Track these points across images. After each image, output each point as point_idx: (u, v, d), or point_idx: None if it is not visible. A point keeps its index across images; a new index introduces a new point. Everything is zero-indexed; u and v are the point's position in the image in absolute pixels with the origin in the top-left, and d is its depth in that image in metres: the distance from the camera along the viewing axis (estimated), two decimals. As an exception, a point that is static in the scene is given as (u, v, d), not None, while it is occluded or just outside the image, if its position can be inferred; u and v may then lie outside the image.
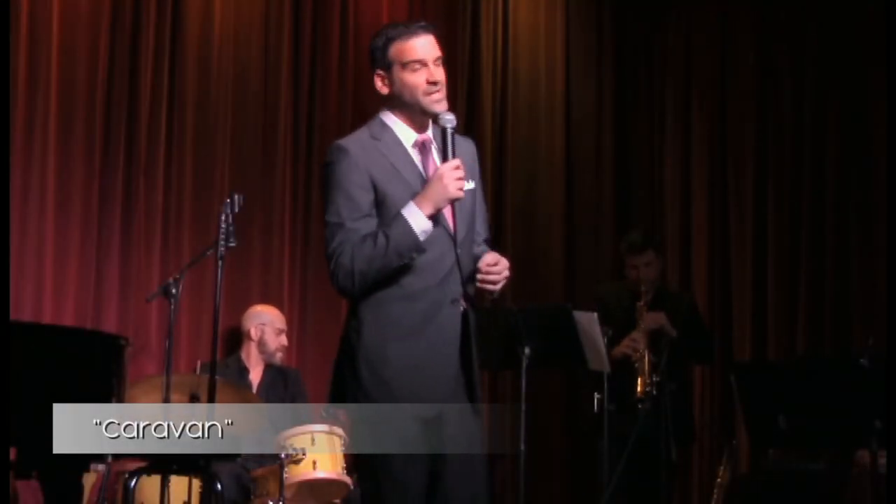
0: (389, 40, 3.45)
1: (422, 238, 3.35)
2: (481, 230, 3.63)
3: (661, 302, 5.82)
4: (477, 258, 3.52)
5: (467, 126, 7.06)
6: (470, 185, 3.49)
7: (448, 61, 3.62)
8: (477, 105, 7.14)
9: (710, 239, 7.13)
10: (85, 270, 5.84)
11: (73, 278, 5.81)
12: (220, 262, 4.61)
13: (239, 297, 6.11)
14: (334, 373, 3.52)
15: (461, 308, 3.45)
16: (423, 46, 3.44)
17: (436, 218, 3.40)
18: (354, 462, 4.76)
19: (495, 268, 3.45)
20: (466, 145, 3.61)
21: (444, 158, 3.44)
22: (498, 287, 3.49)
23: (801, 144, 6.91)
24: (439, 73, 3.44)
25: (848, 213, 6.72)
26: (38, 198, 5.75)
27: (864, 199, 6.68)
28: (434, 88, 3.42)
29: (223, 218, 4.62)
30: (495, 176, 7.13)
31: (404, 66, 3.43)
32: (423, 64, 3.43)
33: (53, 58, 5.82)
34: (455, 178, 3.37)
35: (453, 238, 3.46)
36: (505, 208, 7.11)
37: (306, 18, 6.60)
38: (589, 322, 5.31)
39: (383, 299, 3.41)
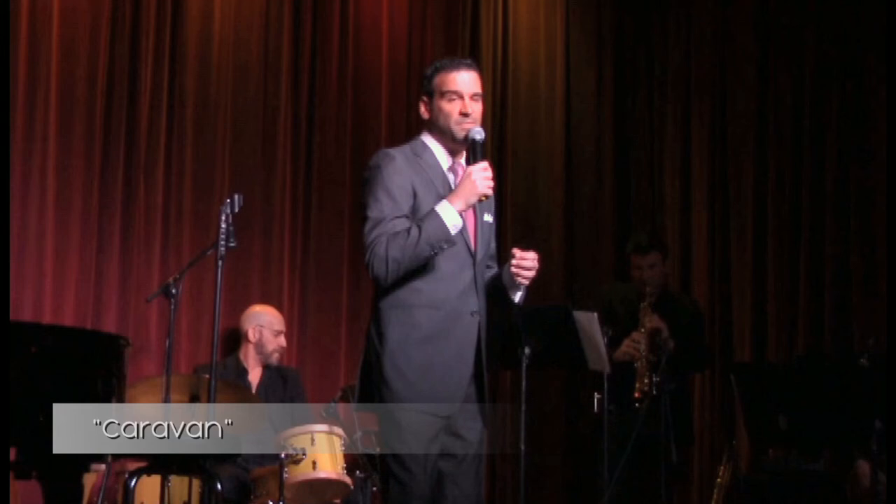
0: (436, 70, 3.79)
1: (452, 232, 3.63)
2: (492, 263, 3.93)
3: (665, 304, 5.81)
4: (490, 277, 3.85)
5: (467, 126, 7.06)
6: (489, 218, 3.84)
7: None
8: (477, 105, 7.13)
9: (710, 239, 7.13)
10: (85, 270, 5.84)
11: (73, 278, 5.81)
12: (220, 263, 4.61)
13: (239, 297, 6.11)
14: (360, 375, 3.78)
15: (478, 320, 3.73)
16: (463, 80, 3.76)
17: (461, 234, 3.69)
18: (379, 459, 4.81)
19: (529, 255, 3.73)
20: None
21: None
22: (530, 275, 3.75)
23: (801, 145, 6.90)
24: (473, 107, 3.75)
25: (848, 213, 6.71)
26: (38, 198, 5.75)
27: (863, 200, 6.67)
28: (465, 120, 3.73)
29: (223, 218, 4.62)
30: (495, 176, 7.09)
31: (443, 94, 3.76)
32: (460, 96, 3.75)
33: (53, 58, 5.82)
34: (484, 176, 3.67)
35: (473, 256, 3.75)
36: (505, 208, 7.11)
37: (306, 18, 6.60)
38: (589, 322, 5.31)
39: (408, 305, 3.68)
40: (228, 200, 4.65)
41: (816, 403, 4.57)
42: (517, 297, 3.82)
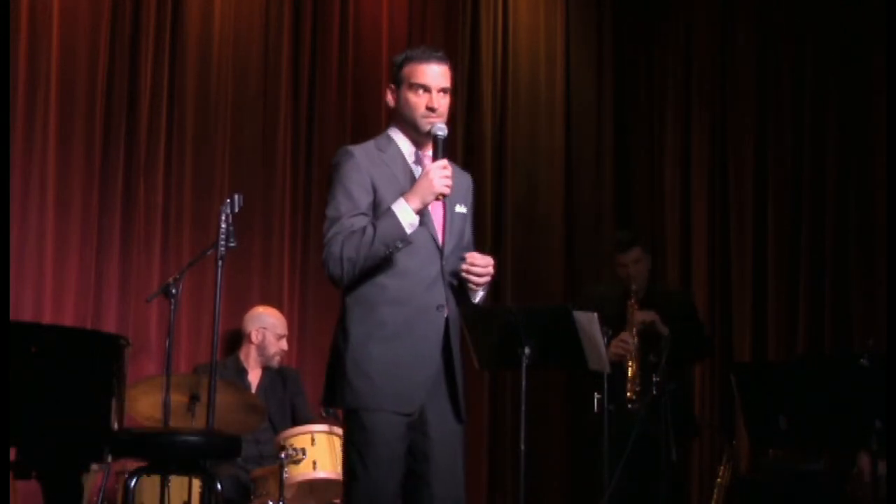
0: (407, 59, 3.73)
1: (408, 231, 3.59)
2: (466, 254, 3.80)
3: (653, 300, 5.80)
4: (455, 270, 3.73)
5: (467, 125, 7.07)
6: (462, 209, 3.77)
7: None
8: (477, 105, 7.13)
9: (710, 239, 7.12)
10: (85, 270, 5.85)
11: (73, 278, 5.81)
12: (220, 263, 4.61)
13: (239, 297, 6.11)
14: (326, 374, 3.73)
15: (445, 314, 3.67)
16: (433, 74, 3.70)
17: (426, 228, 3.65)
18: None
19: (480, 261, 3.66)
20: (464, 178, 3.87)
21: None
22: (481, 282, 3.68)
23: (801, 144, 6.90)
24: (441, 102, 3.69)
25: (848, 213, 6.71)
26: (38, 198, 5.76)
27: (863, 200, 6.67)
28: (431, 115, 3.68)
29: (223, 218, 4.62)
30: (495, 176, 7.13)
31: (411, 86, 3.70)
32: (427, 90, 3.68)
33: (53, 57, 5.82)
34: (441, 175, 3.60)
35: (440, 250, 3.69)
36: (505, 208, 7.11)
37: (306, 18, 6.60)
38: (589, 322, 5.30)
39: (371, 302, 3.65)
40: (228, 200, 4.66)
41: (816, 403, 4.58)
42: (476, 297, 3.75)
